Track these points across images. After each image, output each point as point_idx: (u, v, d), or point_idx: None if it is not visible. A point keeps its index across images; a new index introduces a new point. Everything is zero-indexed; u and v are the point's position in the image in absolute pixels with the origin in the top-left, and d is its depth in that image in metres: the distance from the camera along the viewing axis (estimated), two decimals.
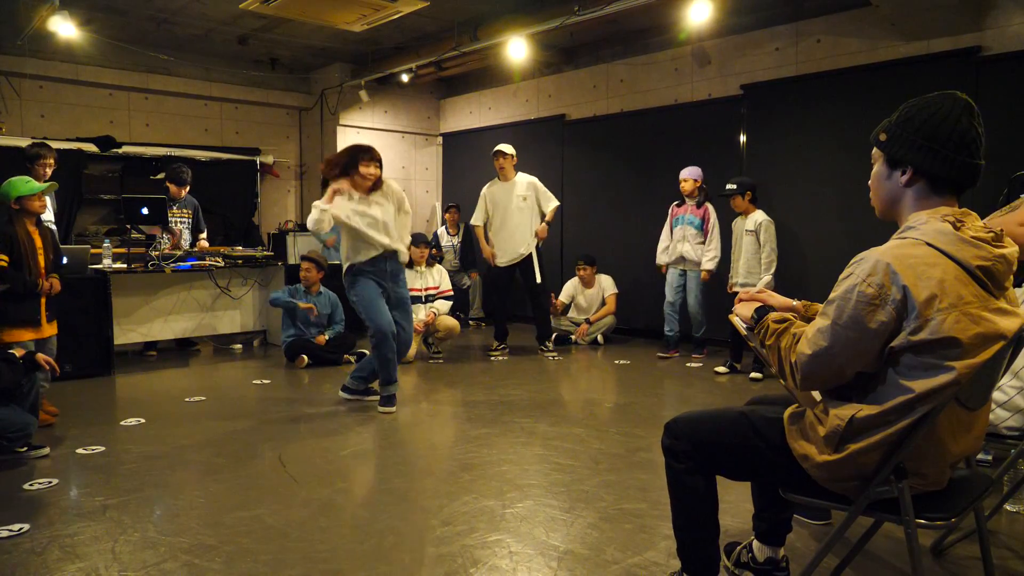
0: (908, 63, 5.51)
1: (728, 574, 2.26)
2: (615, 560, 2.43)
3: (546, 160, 7.99)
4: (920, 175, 1.67)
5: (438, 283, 6.49)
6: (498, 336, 6.53)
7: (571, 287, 7.19)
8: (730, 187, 5.49)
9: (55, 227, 5.71)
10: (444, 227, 8.56)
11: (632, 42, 7.44)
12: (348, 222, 4.34)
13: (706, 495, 1.93)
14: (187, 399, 4.83)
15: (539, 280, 6.37)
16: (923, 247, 1.57)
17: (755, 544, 2.23)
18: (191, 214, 6.71)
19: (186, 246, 6.52)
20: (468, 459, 3.53)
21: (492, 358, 6.34)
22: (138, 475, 3.31)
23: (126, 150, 7.75)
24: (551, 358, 6.30)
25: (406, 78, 8.12)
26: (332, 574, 2.37)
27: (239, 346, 6.88)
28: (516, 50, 6.73)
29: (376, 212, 4.41)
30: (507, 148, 6.40)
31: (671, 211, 6.33)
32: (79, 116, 7.73)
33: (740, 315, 1.93)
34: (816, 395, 1.78)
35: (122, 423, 4.22)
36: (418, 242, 6.42)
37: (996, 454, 3.20)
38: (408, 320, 4.59)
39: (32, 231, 4.16)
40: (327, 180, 7.44)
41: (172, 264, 5.99)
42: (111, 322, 5.59)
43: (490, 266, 6.58)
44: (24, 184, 4.08)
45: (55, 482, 3.22)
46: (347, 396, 4.72)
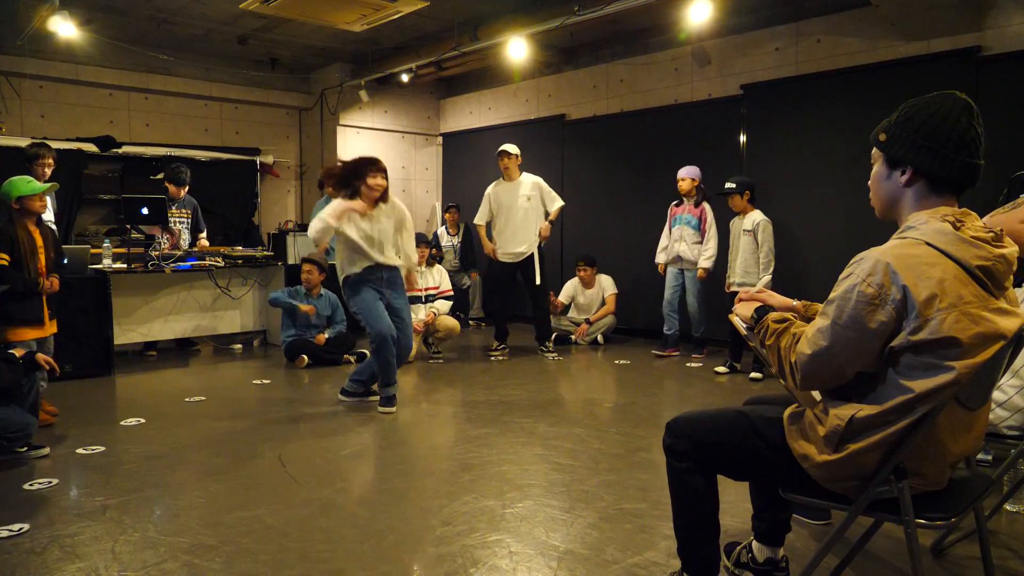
0: (908, 63, 5.51)
1: (728, 574, 2.26)
2: (615, 560, 2.43)
3: (546, 160, 7.99)
4: (920, 175, 1.67)
5: (438, 283, 6.50)
6: (498, 336, 6.53)
7: (571, 287, 7.19)
8: (729, 186, 5.50)
9: (55, 227, 5.71)
10: (444, 227, 8.56)
11: (632, 42, 7.44)
12: (347, 233, 4.35)
13: (706, 495, 1.93)
14: (187, 399, 4.83)
15: (539, 281, 6.37)
16: (923, 247, 1.57)
17: (755, 544, 2.23)
18: (190, 214, 6.70)
19: (185, 246, 6.51)
20: (468, 459, 3.54)
21: (492, 358, 6.34)
22: (138, 475, 3.31)
23: (126, 150, 7.75)
24: (551, 358, 6.30)
25: (406, 78, 8.12)
26: (332, 574, 2.37)
27: (239, 346, 6.88)
28: (516, 50, 6.73)
29: (374, 230, 4.42)
30: (511, 148, 6.37)
31: (670, 211, 6.34)
32: (79, 116, 7.73)
33: (740, 315, 1.93)
34: (816, 395, 1.78)
35: (122, 423, 4.22)
36: (418, 242, 6.41)
37: (996, 454, 3.20)
38: (408, 326, 4.59)
39: (33, 231, 4.17)
40: (324, 182, 7.44)
41: (172, 264, 5.99)
42: (111, 322, 5.59)
43: (491, 263, 6.57)
44: (26, 184, 4.09)
45: (55, 482, 3.22)
46: (346, 399, 4.73)
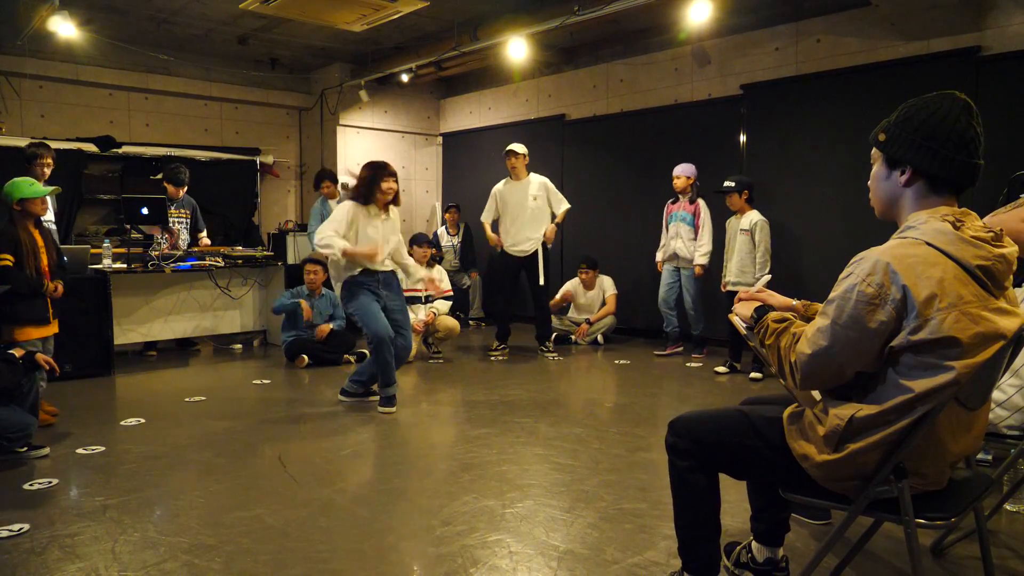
0: (908, 63, 5.51)
1: (728, 574, 2.26)
2: (615, 560, 2.43)
3: (546, 160, 7.98)
4: (919, 175, 1.67)
5: (438, 283, 6.49)
6: (499, 336, 6.53)
7: (570, 286, 7.19)
8: (728, 184, 5.49)
9: (55, 227, 5.71)
10: (444, 227, 8.56)
11: (632, 42, 7.44)
12: (357, 240, 4.40)
13: (707, 494, 1.93)
14: (187, 399, 4.83)
15: (543, 282, 6.37)
16: (923, 247, 1.57)
17: (754, 545, 2.23)
18: (189, 214, 6.70)
19: (184, 246, 6.51)
20: (468, 459, 3.54)
21: (492, 358, 6.34)
22: (138, 475, 3.31)
23: (126, 150, 7.75)
24: (551, 358, 6.30)
25: (406, 78, 8.12)
26: (332, 574, 2.37)
27: (239, 346, 6.88)
28: (516, 50, 6.72)
29: (378, 234, 4.46)
30: (519, 148, 6.35)
31: (666, 209, 6.35)
32: (79, 116, 7.73)
33: (740, 315, 1.93)
34: (816, 395, 1.78)
35: (122, 423, 4.22)
36: (420, 242, 6.42)
37: (996, 454, 3.20)
38: (407, 326, 4.60)
39: (33, 232, 4.19)
40: (320, 180, 7.43)
41: (172, 264, 5.98)
42: (111, 322, 5.60)
43: (493, 260, 6.52)
44: (28, 187, 4.10)
45: (55, 482, 3.22)
46: (346, 399, 4.73)
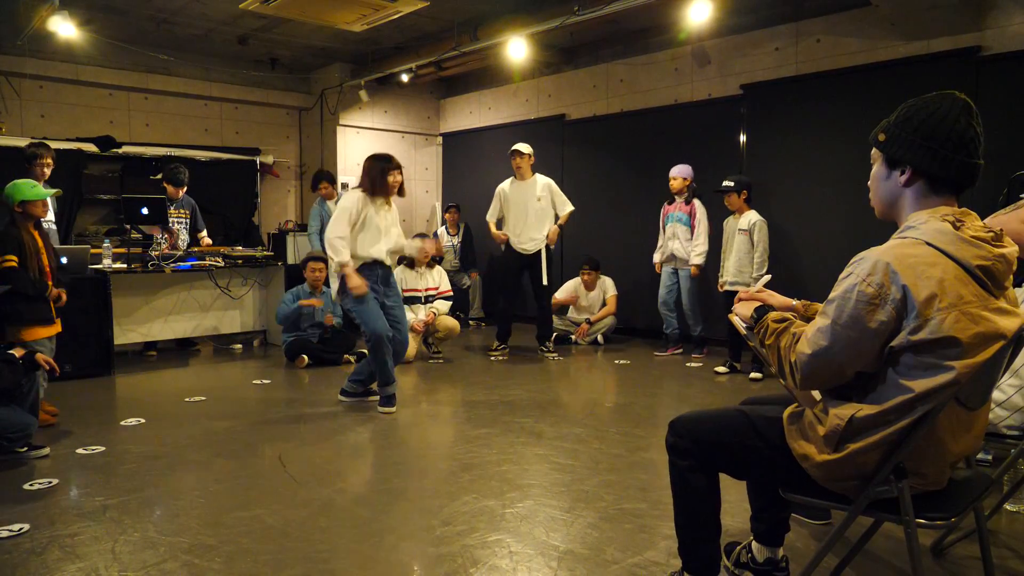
0: (908, 63, 5.51)
1: (728, 574, 2.26)
2: (615, 560, 2.43)
3: (546, 160, 7.97)
4: (919, 175, 1.67)
5: (438, 283, 6.50)
6: (500, 336, 6.52)
7: (572, 287, 7.19)
8: (727, 184, 5.49)
9: (55, 227, 5.71)
10: (444, 227, 8.55)
11: (632, 42, 7.44)
12: (363, 230, 4.40)
13: (708, 494, 1.93)
14: (187, 399, 4.83)
15: (545, 282, 6.37)
16: (923, 247, 1.57)
17: (754, 545, 2.23)
18: (189, 214, 6.70)
19: (183, 247, 6.51)
20: (468, 459, 3.54)
21: (492, 358, 6.34)
22: (138, 475, 3.31)
23: (126, 150, 7.75)
24: (551, 358, 6.30)
25: (406, 78, 8.12)
26: (332, 574, 2.37)
27: (239, 346, 6.88)
28: (516, 50, 6.72)
29: (383, 224, 4.48)
30: (524, 147, 6.33)
31: (663, 210, 6.36)
32: (79, 116, 7.73)
33: (740, 315, 1.93)
34: (816, 395, 1.78)
35: (122, 423, 4.22)
36: None
37: (996, 454, 3.20)
38: (403, 322, 4.60)
39: (33, 233, 4.19)
40: (317, 182, 7.43)
41: (172, 264, 5.98)
42: (111, 322, 5.59)
43: (495, 259, 6.49)
44: (30, 189, 4.10)
45: (55, 482, 3.22)
46: (345, 399, 4.73)
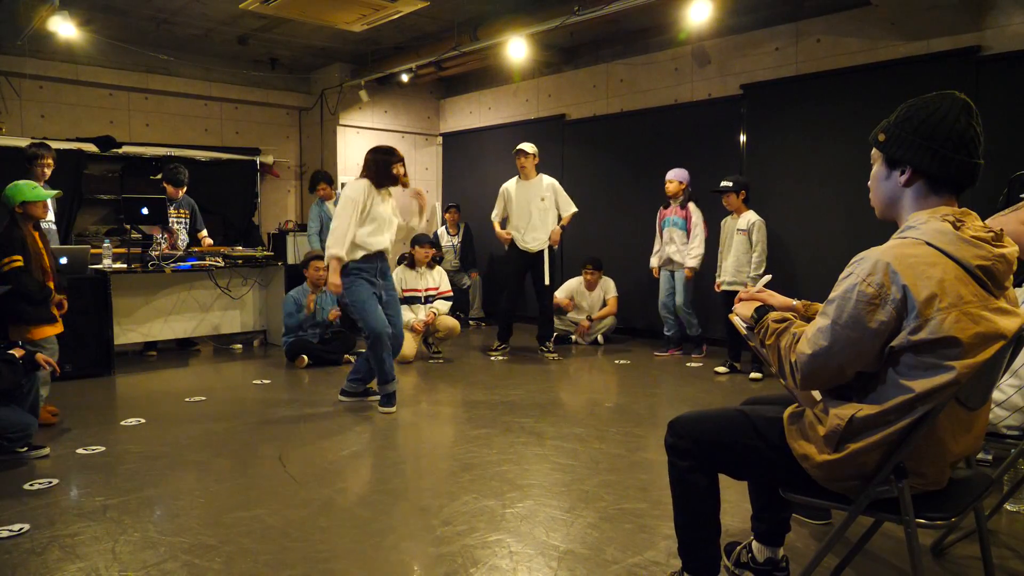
0: (908, 63, 5.51)
1: (728, 574, 2.26)
2: (615, 560, 2.43)
3: (546, 160, 7.95)
4: (919, 175, 1.67)
5: (438, 283, 6.50)
6: (501, 336, 6.52)
7: (573, 287, 7.18)
8: (725, 184, 5.48)
9: (55, 228, 5.71)
10: (444, 227, 8.55)
11: (632, 42, 7.44)
12: (365, 222, 4.40)
13: (708, 494, 1.93)
14: (187, 399, 4.83)
15: (548, 282, 6.37)
16: (923, 247, 1.57)
17: (754, 545, 2.23)
18: (188, 214, 6.69)
19: (183, 247, 6.50)
20: (468, 459, 3.54)
21: (492, 358, 6.34)
22: (138, 475, 3.31)
23: (126, 150, 7.75)
24: (551, 358, 6.30)
25: (406, 78, 8.12)
26: (332, 574, 2.37)
27: (239, 346, 6.88)
28: (516, 50, 6.72)
29: (386, 212, 4.48)
30: (529, 147, 6.33)
31: (659, 214, 6.37)
32: (79, 116, 7.73)
33: (740, 315, 1.93)
34: (816, 395, 1.78)
35: (122, 423, 4.22)
36: (422, 242, 6.40)
37: (996, 454, 3.20)
38: (398, 316, 4.62)
39: (33, 234, 4.19)
40: (315, 183, 7.43)
41: (172, 264, 5.98)
42: (111, 322, 5.60)
43: (498, 259, 6.48)
44: (31, 190, 4.11)
45: (55, 482, 3.22)
46: (345, 399, 4.73)
